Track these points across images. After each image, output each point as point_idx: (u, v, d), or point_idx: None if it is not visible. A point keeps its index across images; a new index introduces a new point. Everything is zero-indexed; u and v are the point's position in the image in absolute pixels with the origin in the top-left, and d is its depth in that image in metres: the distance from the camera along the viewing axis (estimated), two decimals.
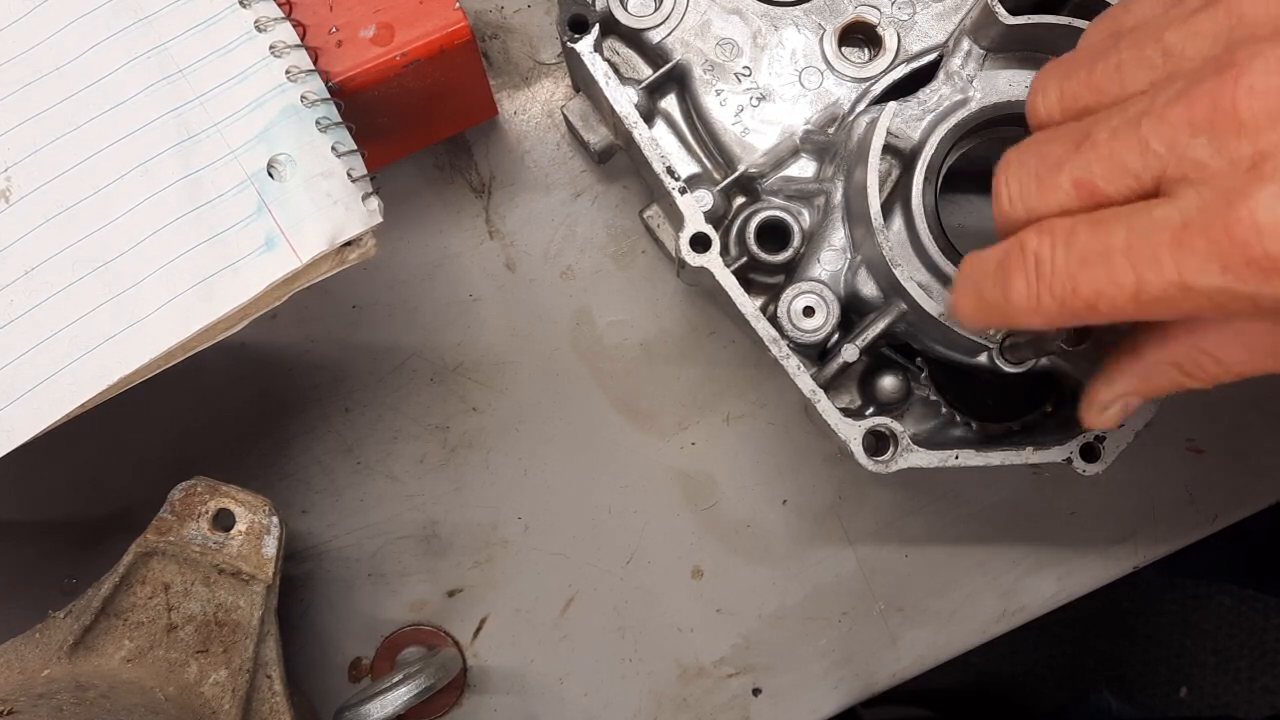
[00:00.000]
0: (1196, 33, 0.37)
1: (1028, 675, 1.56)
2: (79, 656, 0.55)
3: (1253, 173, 0.33)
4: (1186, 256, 0.34)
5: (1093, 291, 0.37)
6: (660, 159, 0.58)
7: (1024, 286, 0.39)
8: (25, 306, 0.51)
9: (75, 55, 0.53)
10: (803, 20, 0.60)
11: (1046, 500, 0.69)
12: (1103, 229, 0.37)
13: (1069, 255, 0.38)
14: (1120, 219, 0.37)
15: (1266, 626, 1.55)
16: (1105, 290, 0.37)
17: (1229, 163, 0.34)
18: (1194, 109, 0.35)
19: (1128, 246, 0.36)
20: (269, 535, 0.57)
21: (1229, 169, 0.34)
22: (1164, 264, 0.35)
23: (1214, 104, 0.34)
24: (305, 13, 0.55)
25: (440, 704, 0.67)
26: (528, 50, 0.70)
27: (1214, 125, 0.34)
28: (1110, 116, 0.38)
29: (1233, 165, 0.34)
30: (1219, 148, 0.34)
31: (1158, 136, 0.36)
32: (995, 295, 0.41)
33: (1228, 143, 0.34)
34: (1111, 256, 0.36)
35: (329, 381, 0.69)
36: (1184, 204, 0.35)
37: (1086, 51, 0.42)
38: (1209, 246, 0.34)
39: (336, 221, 0.52)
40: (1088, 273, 0.37)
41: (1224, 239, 0.33)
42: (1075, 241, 0.38)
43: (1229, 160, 0.34)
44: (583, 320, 0.69)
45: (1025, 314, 0.40)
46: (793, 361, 0.57)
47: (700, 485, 0.69)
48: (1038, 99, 0.43)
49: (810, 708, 0.68)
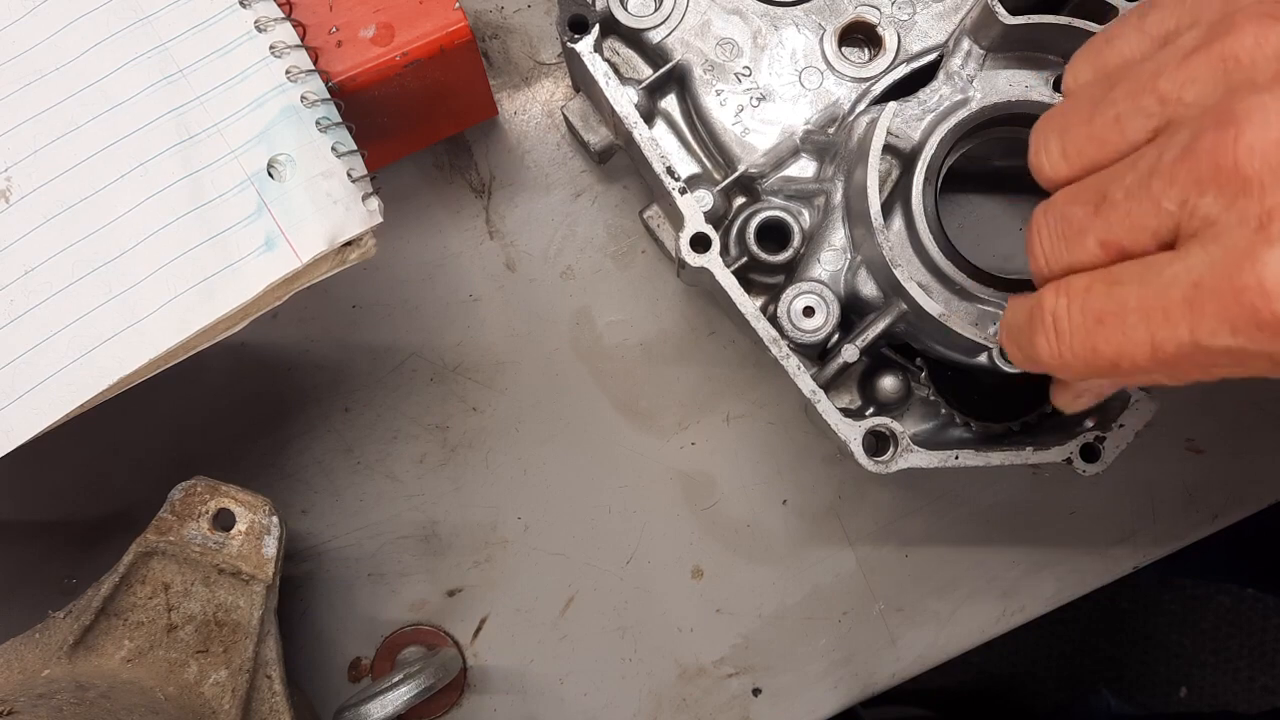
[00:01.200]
0: (1192, 79, 0.37)
1: (1028, 675, 1.56)
2: (79, 656, 0.55)
3: (1261, 232, 0.33)
4: (1198, 318, 0.35)
5: (1113, 352, 0.38)
6: (660, 159, 0.58)
7: (1046, 346, 0.40)
8: (25, 306, 0.51)
9: (75, 55, 0.53)
10: (803, 20, 0.60)
11: (1046, 500, 0.69)
12: (1117, 290, 0.37)
13: (1085, 315, 0.38)
14: (1134, 278, 0.37)
15: (1266, 626, 1.55)
16: (1124, 350, 0.37)
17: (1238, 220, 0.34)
18: (1198, 167, 0.35)
19: (1141, 307, 0.36)
20: (269, 535, 0.57)
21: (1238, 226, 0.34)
22: (1177, 325, 0.35)
23: (1216, 163, 0.34)
24: (305, 13, 0.55)
25: (440, 704, 0.67)
26: (528, 50, 0.70)
27: (1219, 183, 0.34)
28: (1123, 174, 0.38)
29: (1241, 222, 0.34)
30: (1227, 204, 0.34)
31: (1168, 196, 0.36)
32: (1028, 349, 0.42)
33: (1235, 200, 0.34)
34: (1126, 317, 0.37)
35: (329, 381, 0.69)
36: (1194, 262, 0.35)
37: (1078, 100, 0.42)
38: (1219, 308, 0.34)
39: (336, 221, 0.52)
40: (1104, 333, 0.38)
41: (1232, 302, 0.33)
42: (1091, 300, 0.38)
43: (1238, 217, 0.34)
44: (583, 320, 0.69)
45: (1056, 370, 0.41)
46: (793, 361, 0.57)
47: (700, 485, 0.69)
48: (1041, 157, 0.43)
49: (810, 708, 0.68)
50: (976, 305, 0.55)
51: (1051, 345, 0.40)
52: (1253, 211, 0.33)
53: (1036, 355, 0.41)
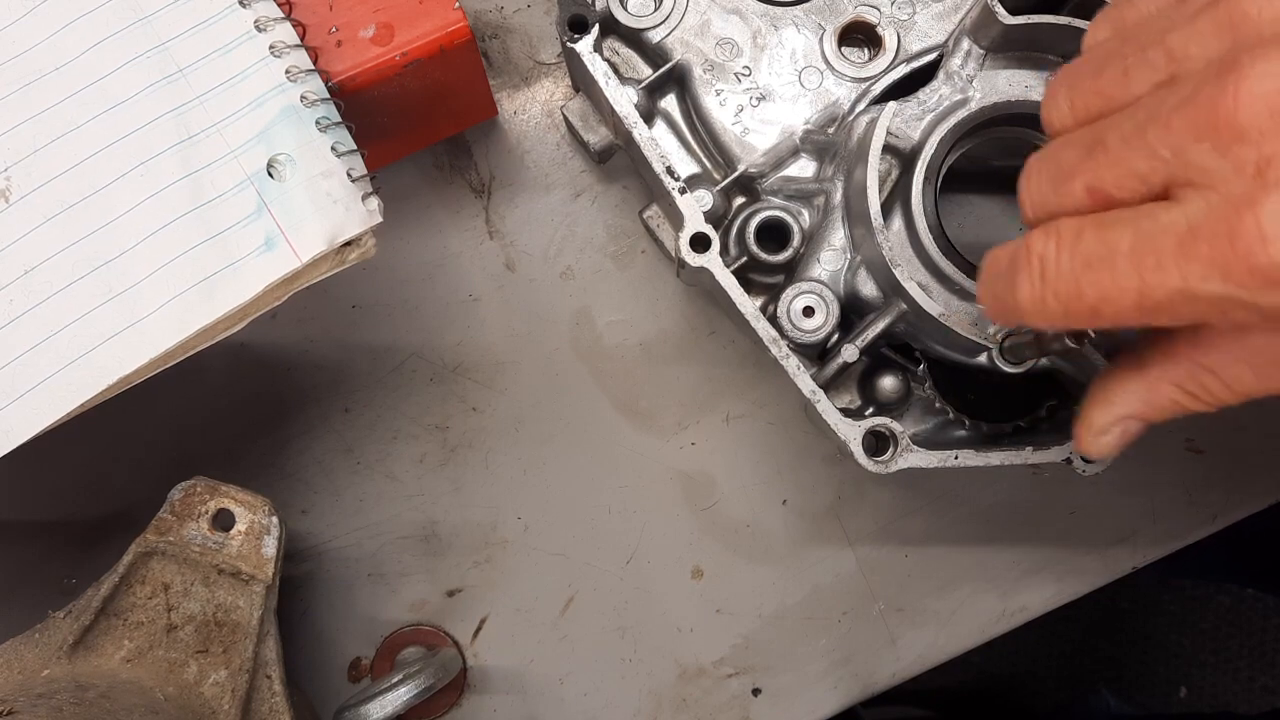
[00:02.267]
0: (1199, 33, 0.37)
1: (1028, 675, 1.56)
2: (79, 656, 0.55)
3: (1258, 179, 0.33)
4: (1191, 263, 0.34)
5: (1097, 295, 0.37)
6: (660, 159, 0.58)
7: (1029, 288, 0.39)
8: (25, 306, 0.51)
9: (75, 55, 0.53)
10: (803, 20, 0.60)
11: (1046, 500, 0.69)
12: (1109, 232, 0.37)
13: (1074, 257, 0.38)
14: (1126, 223, 0.37)
15: (1266, 626, 1.55)
16: (1109, 294, 0.37)
17: (1233, 168, 0.34)
18: (1197, 115, 0.35)
19: (1133, 251, 0.36)
20: (269, 535, 0.57)
21: (1234, 175, 0.34)
22: (1168, 270, 0.35)
23: (1215, 110, 0.34)
24: (305, 13, 0.55)
25: (440, 704, 0.67)
26: (528, 50, 0.70)
27: (1216, 132, 0.34)
28: (1120, 122, 0.38)
29: (1237, 171, 0.34)
30: (1223, 154, 0.34)
31: (1164, 143, 0.36)
32: (1006, 295, 0.41)
33: (1231, 149, 0.34)
34: (1116, 260, 0.36)
35: (329, 381, 0.69)
36: (1190, 209, 0.35)
37: (1092, 55, 0.42)
38: (1213, 254, 0.34)
39: (336, 221, 0.52)
40: (1092, 276, 0.37)
41: (1228, 247, 0.33)
42: (1081, 244, 0.38)
43: (1233, 166, 0.34)
44: (583, 320, 0.69)
45: (1032, 315, 0.40)
46: (793, 361, 0.57)
47: (700, 485, 0.69)
48: (1050, 109, 0.43)
49: (810, 708, 0.68)
50: (976, 305, 0.55)
51: (1035, 288, 0.39)
52: (1250, 158, 0.33)
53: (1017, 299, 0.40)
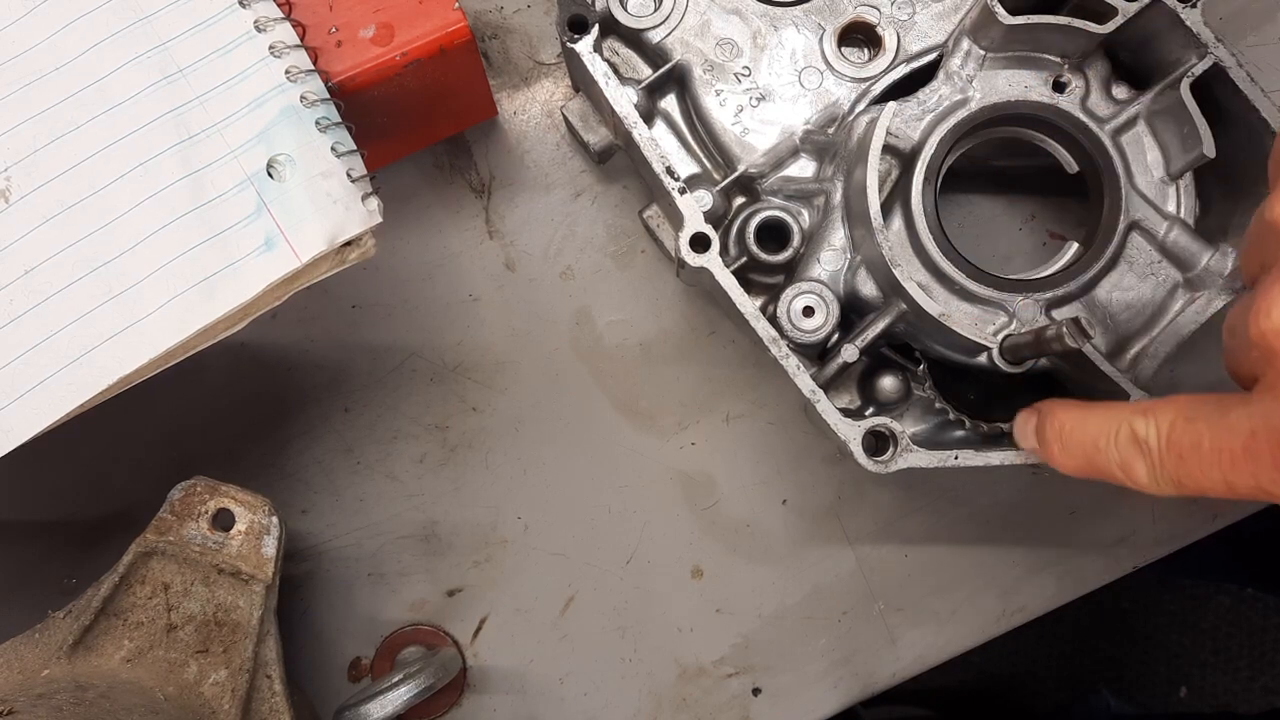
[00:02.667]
0: None
1: (1028, 675, 1.56)
2: (79, 656, 0.55)
3: None
4: (1259, 467, 0.37)
5: (1195, 485, 0.41)
6: (660, 159, 0.58)
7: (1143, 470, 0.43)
8: (25, 306, 0.51)
9: (75, 55, 0.53)
10: (802, 20, 0.60)
11: (1046, 500, 0.69)
12: (1192, 427, 0.40)
13: (1168, 449, 0.41)
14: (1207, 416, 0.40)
15: (1266, 626, 1.55)
16: (1205, 487, 0.40)
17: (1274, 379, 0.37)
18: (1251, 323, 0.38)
19: (1213, 449, 0.39)
20: (269, 535, 0.57)
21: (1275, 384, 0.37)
22: (1242, 471, 0.38)
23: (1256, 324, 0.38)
24: (305, 13, 0.55)
25: (440, 704, 0.67)
26: (528, 50, 0.70)
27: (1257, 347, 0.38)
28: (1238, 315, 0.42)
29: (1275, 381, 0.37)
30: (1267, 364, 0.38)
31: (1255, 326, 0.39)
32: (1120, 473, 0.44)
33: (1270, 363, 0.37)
34: (1202, 457, 0.40)
35: (329, 381, 0.69)
36: (1254, 409, 0.38)
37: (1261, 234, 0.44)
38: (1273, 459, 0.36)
39: (336, 221, 0.52)
40: (1186, 468, 0.41)
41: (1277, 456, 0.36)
42: (1173, 435, 0.41)
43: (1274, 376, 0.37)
44: (583, 320, 0.69)
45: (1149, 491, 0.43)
46: (792, 361, 0.57)
47: (700, 485, 0.69)
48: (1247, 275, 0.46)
49: (810, 707, 0.68)
50: (976, 305, 0.55)
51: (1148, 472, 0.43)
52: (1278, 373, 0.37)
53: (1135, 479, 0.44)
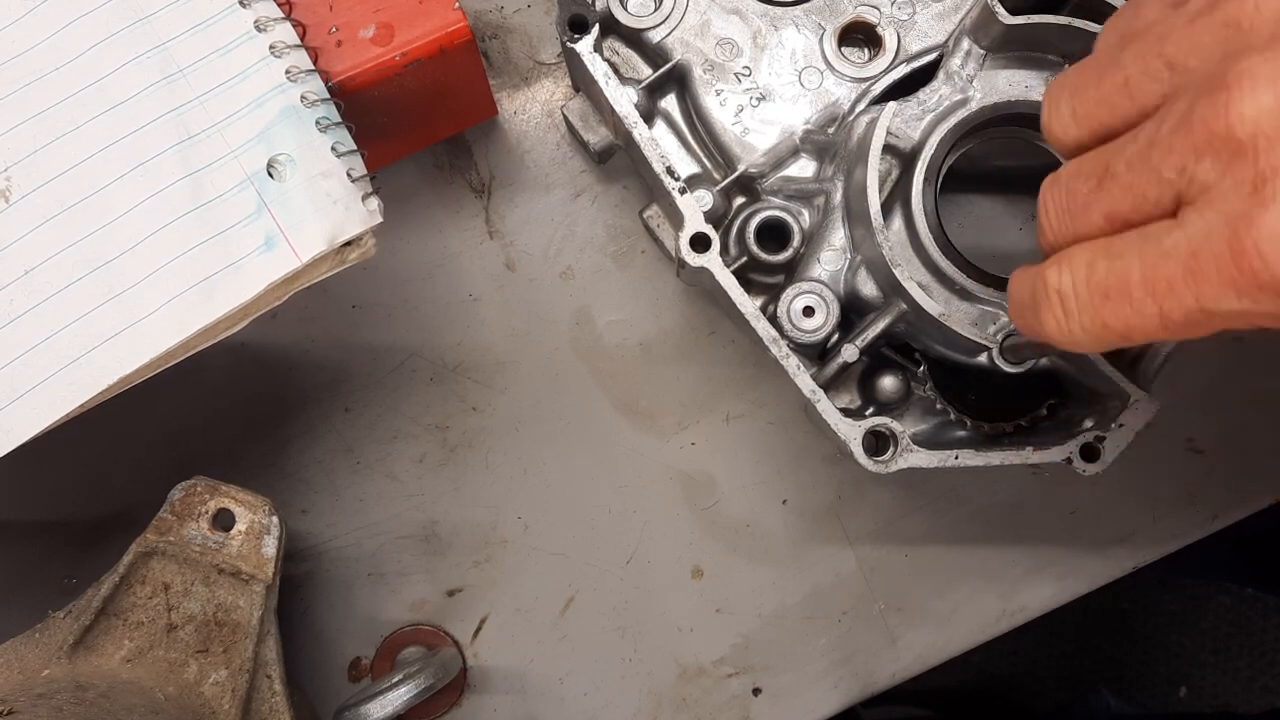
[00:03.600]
0: (1196, 43, 0.37)
1: (1028, 675, 1.56)
2: (79, 656, 0.55)
3: (1255, 196, 0.33)
4: (1201, 285, 0.35)
5: (1121, 324, 0.38)
6: (660, 159, 0.58)
7: (1054, 323, 0.40)
8: (25, 306, 0.51)
9: (75, 55, 0.53)
10: (803, 20, 0.60)
11: (1046, 500, 0.69)
12: (1119, 263, 0.37)
13: (1091, 290, 0.38)
14: (1134, 250, 0.37)
15: (1266, 626, 1.55)
16: (1132, 322, 0.37)
17: (1232, 185, 0.34)
18: (1194, 135, 0.35)
19: (1144, 279, 0.36)
20: (269, 535, 0.57)
21: (1232, 191, 0.34)
22: (1181, 294, 0.35)
23: (1210, 129, 0.34)
24: (305, 13, 0.55)
25: (440, 704, 0.67)
26: (528, 50, 0.70)
27: (1214, 149, 0.34)
28: (1124, 147, 0.38)
29: (1236, 187, 0.34)
30: (1222, 171, 0.34)
31: (1168, 165, 0.36)
32: (1036, 327, 0.42)
33: (1230, 165, 0.34)
34: (1131, 290, 0.37)
35: (329, 381, 0.69)
36: (1191, 230, 0.35)
37: (1093, 61, 0.42)
38: (1220, 274, 0.34)
39: (336, 221, 0.52)
40: (1111, 306, 0.38)
41: (1232, 267, 0.34)
42: (1095, 275, 0.38)
43: (1232, 182, 0.34)
44: (583, 320, 0.69)
45: (1064, 345, 0.41)
46: (793, 361, 0.57)
47: (700, 485, 0.69)
48: (1052, 117, 0.43)
49: (810, 708, 0.68)
50: (976, 305, 0.55)
51: (1060, 323, 0.40)
52: (1246, 175, 0.34)
53: (1045, 333, 0.41)
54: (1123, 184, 0.38)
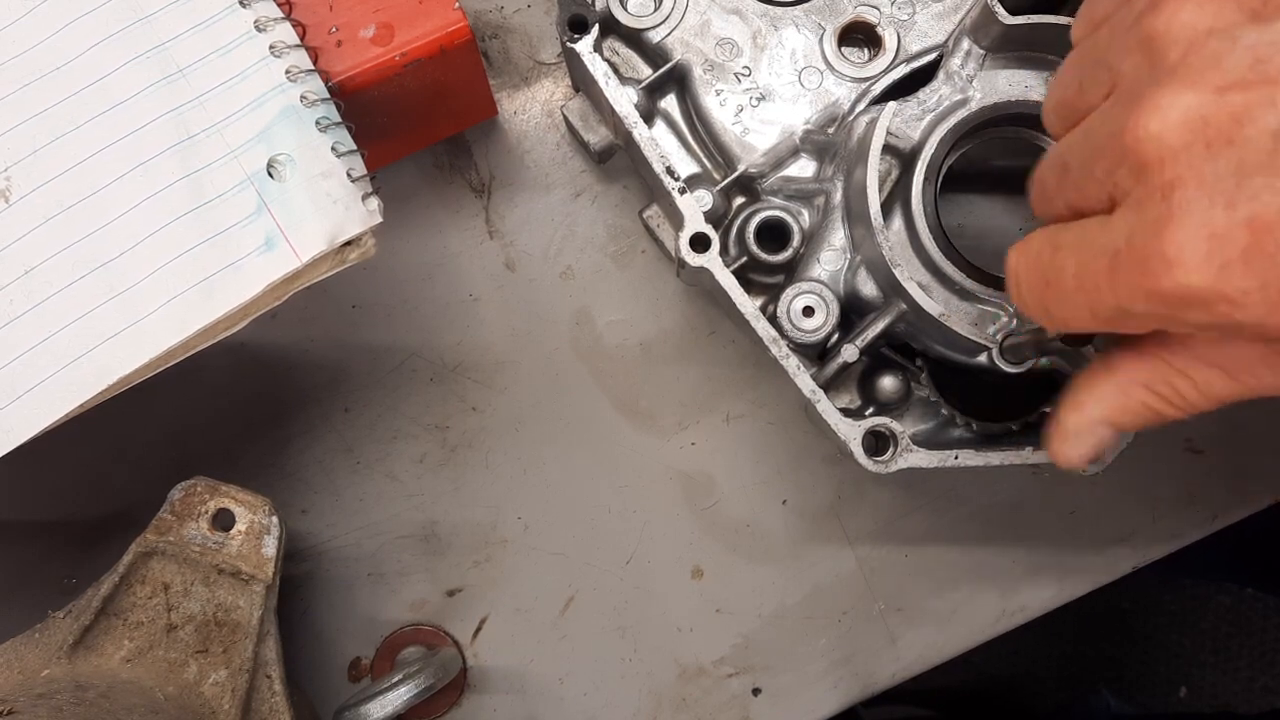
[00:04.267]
0: (1128, 49, 0.38)
1: (1028, 675, 1.56)
2: (79, 656, 0.55)
3: (1164, 203, 0.35)
4: (1119, 286, 0.37)
5: (1060, 313, 0.40)
6: (660, 159, 0.58)
7: (1017, 299, 0.43)
8: (25, 306, 0.51)
9: (75, 55, 0.53)
10: (803, 20, 0.60)
11: (1046, 500, 0.69)
12: (1058, 255, 0.40)
13: (1035, 275, 0.41)
14: (1071, 244, 0.39)
15: (1266, 626, 1.55)
16: (1066, 310, 0.40)
17: (1146, 193, 0.36)
18: (1116, 145, 0.37)
19: (1076, 273, 0.39)
20: (269, 535, 0.57)
21: (1147, 199, 0.36)
22: (1103, 292, 0.37)
23: (1123, 143, 0.36)
24: (305, 13, 0.55)
25: (440, 704, 0.67)
26: (528, 50, 0.70)
27: (1127, 161, 0.36)
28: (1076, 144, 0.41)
29: (1149, 195, 0.35)
30: (1137, 179, 0.36)
31: (1099, 168, 0.38)
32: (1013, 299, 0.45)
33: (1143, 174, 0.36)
34: (1065, 283, 0.39)
35: (329, 381, 0.69)
36: (1115, 232, 0.37)
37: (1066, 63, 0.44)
38: (1131, 279, 0.36)
39: (336, 221, 0.52)
40: (1050, 293, 0.40)
41: (1140, 273, 0.35)
42: (1039, 263, 0.41)
43: (1146, 191, 0.36)
44: (583, 320, 0.69)
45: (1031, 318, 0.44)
46: (793, 361, 0.57)
47: (700, 485, 0.69)
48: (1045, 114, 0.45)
49: (810, 707, 0.68)
50: (976, 305, 0.55)
51: (1018, 300, 0.43)
52: (1157, 184, 0.35)
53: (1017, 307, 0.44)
54: (1073, 179, 0.41)
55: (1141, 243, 0.35)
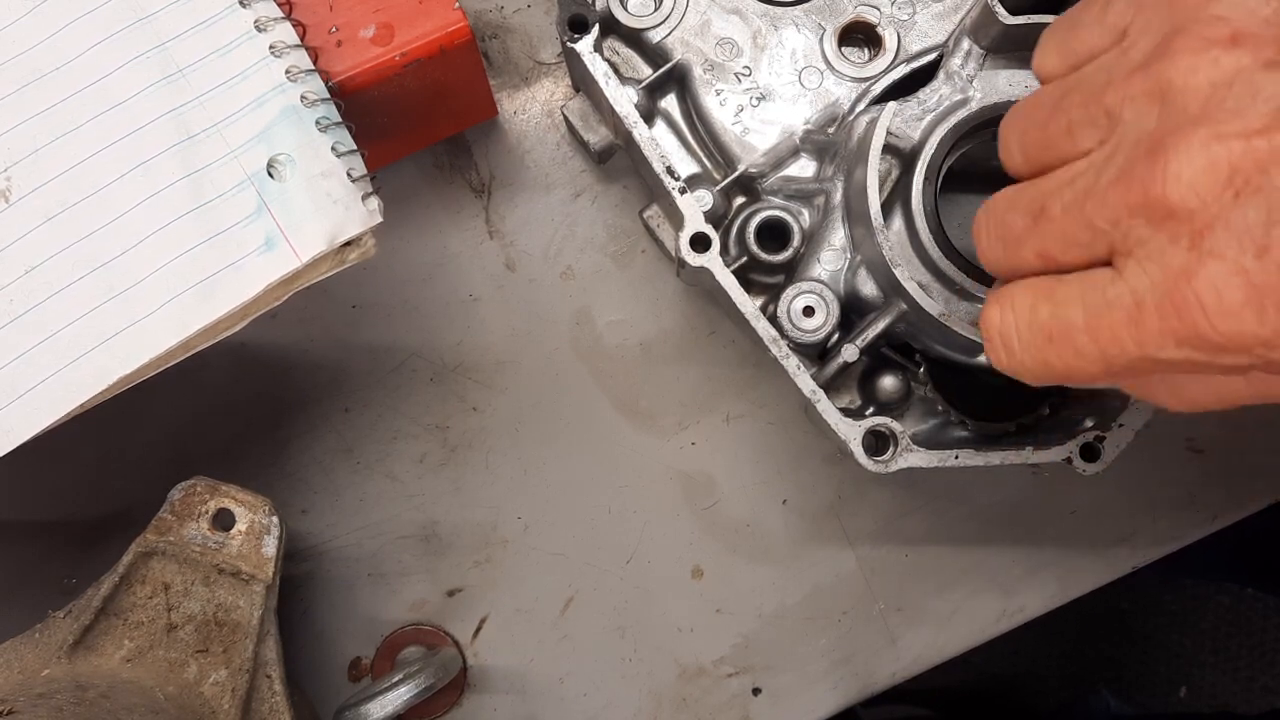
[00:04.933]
0: (1134, 97, 0.38)
1: (1028, 675, 1.56)
2: (79, 656, 0.55)
3: (1193, 251, 0.34)
4: (1144, 335, 0.36)
5: (1064, 367, 0.39)
6: (660, 159, 0.58)
7: (1004, 359, 0.42)
8: (25, 306, 0.51)
9: (75, 55, 0.53)
10: (803, 20, 0.60)
11: (1046, 500, 0.69)
12: (1062, 308, 0.39)
13: (1033, 332, 0.40)
14: (1075, 297, 0.38)
15: (1266, 626, 1.55)
16: (1074, 366, 0.39)
17: (1169, 240, 0.35)
18: (1130, 194, 0.36)
19: (1087, 326, 0.38)
20: (269, 535, 0.57)
21: (1170, 246, 0.35)
22: (1124, 342, 0.37)
23: (1146, 191, 0.35)
24: (305, 13, 0.55)
25: (440, 704, 0.67)
26: (528, 50, 0.70)
27: (1150, 209, 0.36)
28: (1061, 191, 0.40)
29: (1173, 243, 0.35)
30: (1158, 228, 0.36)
31: (1101, 216, 0.37)
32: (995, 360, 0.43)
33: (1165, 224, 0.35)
34: (1073, 335, 0.38)
35: (329, 381, 0.69)
36: (1134, 283, 0.36)
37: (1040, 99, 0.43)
38: (1163, 325, 0.35)
39: (336, 221, 0.52)
40: (1055, 350, 0.39)
41: (1175, 319, 0.35)
42: (1037, 318, 0.40)
43: (1168, 238, 0.35)
44: (583, 320, 0.69)
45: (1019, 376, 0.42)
46: (793, 361, 0.57)
47: (700, 485, 0.69)
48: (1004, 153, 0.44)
49: (810, 707, 0.68)
50: (976, 305, 0.55)
51: (1003, 360, 0.42)
52: (1183, 232, 0.35)
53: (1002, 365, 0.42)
54: (1057, 227, 0.39)
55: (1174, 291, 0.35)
